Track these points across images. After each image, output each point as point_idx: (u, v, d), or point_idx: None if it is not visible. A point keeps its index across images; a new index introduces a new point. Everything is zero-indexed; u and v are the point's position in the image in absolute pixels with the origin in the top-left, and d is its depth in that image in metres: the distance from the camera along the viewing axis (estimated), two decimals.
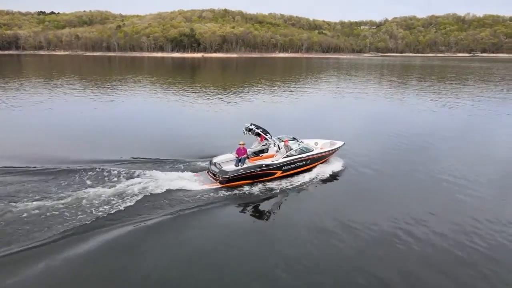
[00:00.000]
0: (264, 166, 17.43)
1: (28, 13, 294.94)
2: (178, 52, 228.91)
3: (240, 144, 17.95)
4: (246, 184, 17.17)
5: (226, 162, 18.06)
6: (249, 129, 19.05)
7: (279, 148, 18.45)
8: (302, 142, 19.63)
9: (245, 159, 17.76)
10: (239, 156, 17.75)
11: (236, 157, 17.90)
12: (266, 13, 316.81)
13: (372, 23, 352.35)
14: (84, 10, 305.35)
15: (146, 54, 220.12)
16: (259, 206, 15.69)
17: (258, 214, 15.18)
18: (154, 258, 11.58)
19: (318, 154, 19.08)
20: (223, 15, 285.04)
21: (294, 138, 19.72)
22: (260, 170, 17.36)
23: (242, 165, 17.46)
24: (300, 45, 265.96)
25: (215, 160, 18.13)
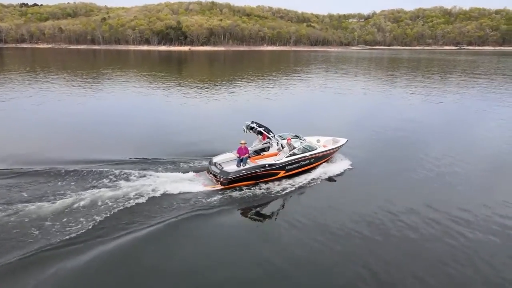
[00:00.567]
0: (267, 166, 16.66)
1: (10, 5, 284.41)
2: (164, 45, 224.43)
3: (241, 143, 17.14)
4: (248, 185, 16.40)
5: (227, 162, 17.22)
6: (250, 127, 18.23)
7: (282, 146, 17.69)
8: (305, 140, 18.88)
9: (247, 159, 16.94)
10: (241, 155, 16.94)
11: (237, 156, 17.08)
12: (254, 5, 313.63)
13: (360, 16, 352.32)
14: (68, 2, 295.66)
15: (132, 47, 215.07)
16: (263, 209, 14.96)
17: (262, 217, 14.47)
18: (153, 269, 10.79)
19: (322, 152, 18.38)
20: (211, 8, 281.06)
21: (296, 135, 18.92)
22: (263, 171, 16.58)
23: (244, 165, 16.65)
24: (288, 38, 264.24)
25: (215, 159, 17.26)
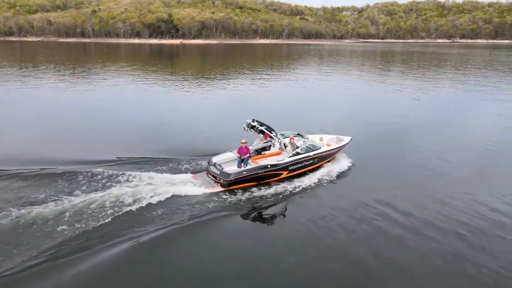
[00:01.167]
0: (269, 166, 15.83)
1: None
2: (155, 38, 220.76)
3: (242, 142, 16.28)
4: (250, 186, 15.58)
5: (227, 163, 16.35)
6: (251, 126, 17.34)
7: (285, 146, 16.87)
8: (308, 138, 18.05)
9: (248, 159, 16.11)
10: (242, 155, 16.09)
11: (238, 157, 16.23)
12: None
13: (354, 9, 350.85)
14: None
15: (123, 41, 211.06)
16: (266, 212, 14.18)
17: (265, 221, 13.73)
18: (153, 275, 10.09)
19: (325, 152, 17.59)
20: (203, 0, 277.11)
21: (299, 134, 18.07)
22: (265, 171, 15.74)
23: (245, 165, 15.82)
24: (281, 31, 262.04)
25: (215, 160, 16.38)
